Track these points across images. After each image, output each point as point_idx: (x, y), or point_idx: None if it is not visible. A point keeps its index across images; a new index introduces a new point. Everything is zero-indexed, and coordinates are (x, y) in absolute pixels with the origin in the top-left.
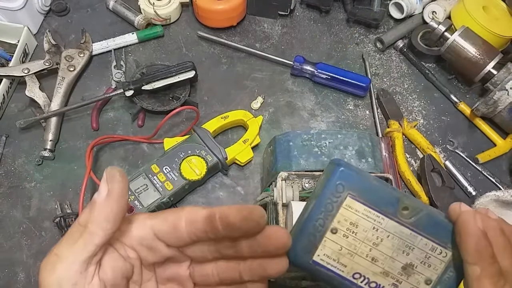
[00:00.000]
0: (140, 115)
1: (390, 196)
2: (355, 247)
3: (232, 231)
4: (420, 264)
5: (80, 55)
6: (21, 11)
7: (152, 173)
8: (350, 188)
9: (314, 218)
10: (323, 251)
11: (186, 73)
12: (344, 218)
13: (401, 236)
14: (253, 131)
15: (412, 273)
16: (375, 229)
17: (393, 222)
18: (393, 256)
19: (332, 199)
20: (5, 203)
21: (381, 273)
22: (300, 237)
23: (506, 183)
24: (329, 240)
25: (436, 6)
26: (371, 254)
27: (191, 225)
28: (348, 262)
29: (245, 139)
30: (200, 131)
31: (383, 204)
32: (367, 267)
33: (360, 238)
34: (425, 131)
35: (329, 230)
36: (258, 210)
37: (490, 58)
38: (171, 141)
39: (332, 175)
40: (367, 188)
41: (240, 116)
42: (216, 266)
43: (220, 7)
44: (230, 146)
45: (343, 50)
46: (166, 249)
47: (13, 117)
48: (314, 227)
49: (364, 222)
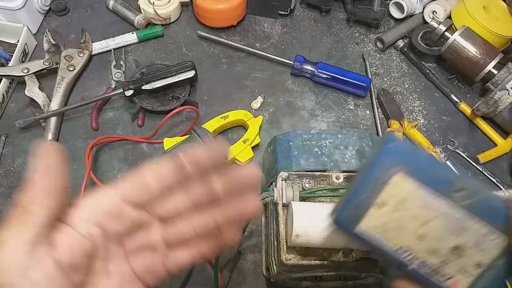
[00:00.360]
0: (140, 115)
1: (445, 176)
2: (402, 223)
3: (204, 171)
4: (472, 247)
5: (80, 54)
6: (21, 11)
7: None
8: (401, 164)
9: (362, 191)
10: (368, 222)
11: (186, 72)
12: (393, 194)
13: (454, 217)
14: (253, 131)
15: (461, 255)
16: (426, 208)
17: (446, 202)
18: (443, 236)
19: (382, 174)
20: (5, 203)
21: (427, 251)
22: (347, 206)
23: (507, 183)
24: (375, 213)
25: (436, 6)
26: (419, 232)
27: (161, 179)
28: (393, 236)
29: (245, 139)
30: (200, 131)
31: (436, 183)
32: (413, 243)
33: (408, 214)
34: (425, 131)
35: (376, 204)
36: (224, 146)
37: (491, 58)
38: (171, 141)
39: (383, 149)
40: (420, 165)
41: (240, 116)
42: (190, 222)
43: (220, 6)
44: (230, 146)
45: (343, 49)
46: (134, 212)
47: (13, 117)
48: (361, 199)
49: (414, 200)
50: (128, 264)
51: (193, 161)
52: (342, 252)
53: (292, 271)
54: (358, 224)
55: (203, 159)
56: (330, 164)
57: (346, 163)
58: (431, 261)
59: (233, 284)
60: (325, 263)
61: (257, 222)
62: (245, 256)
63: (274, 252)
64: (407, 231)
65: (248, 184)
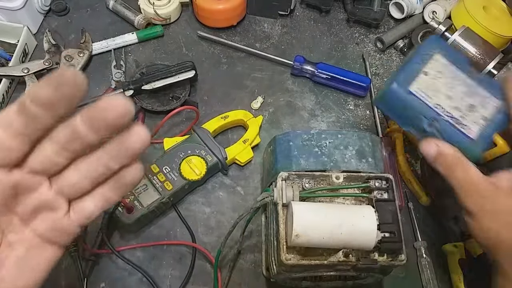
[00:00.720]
0: (140, 115)
1: (464, 59)
2: (439, 87)
3: (54, 107)
4: (480, 106)
5: (80, 55)
6: (21, 11)
7: (152, 173)
8: (440, 48)
9: (415, 61)
10: (417, 85)
11: (186, 73)
12: (434, 66)
13: (469, 85)
14: (253, 131)
15: (474, 111)
16: (453, 78)
17: (465, 75)
18: (462, 97)
19: (428, 51)
20: None
21: (454, 107)
22: (404, 71)
23: None
24: (422, 79)
25: (436, 6)
26: (449, 94)
27: (9, 129)
28: (433, 96)
29: (245, 139)
30: (200, 131)
31: (460, 64)
32: (445, 101)
33: (442, 82)
34: None
35: (423, 71)
36: (67, 71)
37: (491, 58)
38: (170, 141)
39: (430, 39)
40: (451, 52)
41: (240, 116)
42: (79, 171)
43: (220, 7)
44: (230, 146)
45: (343, 50)
46: (4, 176)
47: None
48: (414, 67)
49: (446, 72)
50: (30, 230)
51: (38, 102)
52: (342, 252)
53: (292, 271)
54: (411, 85)
55: (48, 95)
56: (330, 164)
57: (346, 163)
58: (455, 115)
59: (233, 284)
60: (325, 263)
61: (257, 222)
62: (245, 256)
63: (274, 252)
64: (441, 93)
65: (116, 114)
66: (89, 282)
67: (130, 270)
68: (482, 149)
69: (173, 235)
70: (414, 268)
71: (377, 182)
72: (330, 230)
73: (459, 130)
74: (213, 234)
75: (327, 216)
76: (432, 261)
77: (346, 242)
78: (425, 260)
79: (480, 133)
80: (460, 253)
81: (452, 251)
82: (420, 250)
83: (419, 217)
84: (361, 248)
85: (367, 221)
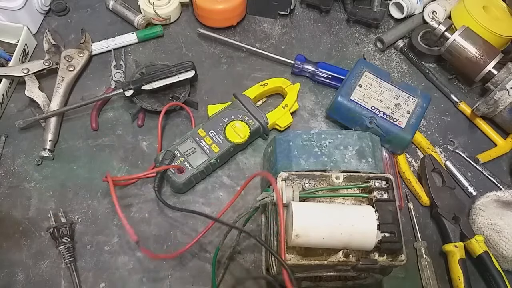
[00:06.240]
0: (140, 115)
1: (386, 73)
2: (371, 94)
3: None
4: (404, 104)
5: (80, 55)
6: (21, 11)
7: (199, 136)
8: (367, 67)
9: (350, 78)
10: (355, 95)
11: (186, 73)
12: (365, 80)
13: (393, 90)
14: (292, 97)
15: (400, 108)
16: (380, 86)
17: (389, 84)
18: (390, 99)
19: (359, 71)
20: (5, 203)
21: (385, 107)
22: (344, 88)
23: (506, 183)
24: (358, 90)
25: (436, 6)
26: (379, 98)
27: None
28: (368, 101)
29: (284, 104)
30: (242, 97)
31: (383, 76)
32: (378, 104)
33: (373, 90)
34: (425, 131)
35: (358, 85)
36: None
37: (491, 58)
38: (214, 108)
39: (359, 62)
40: (375, 69)
41: (278, 83)
42: None
43: (220, 7)
44: (270, 112)
45: (343, 50)
46: None
47: (13, 117)
48: (350, 83)
49: (374, 83)
50: None
51: None
52: (342, 252)
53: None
54: (351, 96)
55: None
56: (330, 164)
57: (346, 163)
58: (387, 112)
59: (233, 284)
60: (325, 263)
61: (257, 222)
62: (245, 256)
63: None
64: (373, 98)
65: None
66: (89, 282)
67: (130, 270)
68: (411, 135)
69: (173, 235)
70: (414, 268)
71: (377, 182)
72: (330, 230)
73: (392, 122)
74: (213, 234)
75: (327, 216)
76: (432, 261)
77: (346, 242)
78: (425, 260)
79: (407, 122)
80: (460, 253)
81: (452, 251)
82: (420, 250)
83: (419, 217)
84: (361, 248)
85: (367, 221)
